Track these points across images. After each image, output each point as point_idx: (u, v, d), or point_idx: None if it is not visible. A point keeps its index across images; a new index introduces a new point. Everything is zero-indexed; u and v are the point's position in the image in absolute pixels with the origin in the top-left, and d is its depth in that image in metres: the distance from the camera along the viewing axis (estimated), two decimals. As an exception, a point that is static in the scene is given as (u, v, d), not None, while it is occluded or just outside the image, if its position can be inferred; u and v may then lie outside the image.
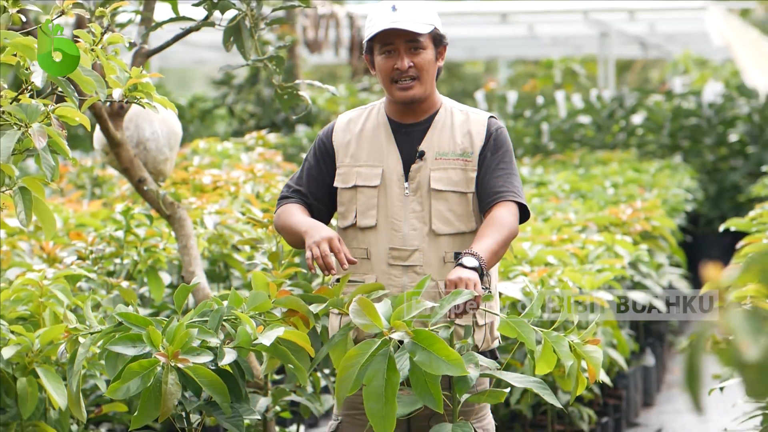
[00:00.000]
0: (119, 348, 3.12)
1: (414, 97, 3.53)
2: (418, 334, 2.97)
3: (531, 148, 14.21)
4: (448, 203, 3.50)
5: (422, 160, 3.52)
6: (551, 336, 3.20)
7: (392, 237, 3.48)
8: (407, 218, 3.49)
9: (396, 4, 3.50)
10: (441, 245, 3.48)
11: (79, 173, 8.06)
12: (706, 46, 18.68)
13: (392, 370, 2.95)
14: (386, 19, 3.49)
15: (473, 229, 3.52)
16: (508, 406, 5.43)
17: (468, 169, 3.52)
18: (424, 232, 3.48)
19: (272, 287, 3.40)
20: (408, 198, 3.51)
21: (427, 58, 3.53)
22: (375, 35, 3.50)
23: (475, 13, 17.28)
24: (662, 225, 7.58)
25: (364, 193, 3.53)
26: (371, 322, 3.02)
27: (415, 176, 3.52)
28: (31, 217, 3.19)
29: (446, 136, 3.55)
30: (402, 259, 3.46)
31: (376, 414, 2.95)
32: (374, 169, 3.54)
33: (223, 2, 4.15)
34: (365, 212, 3.52)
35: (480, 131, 3.56)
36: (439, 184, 3.50)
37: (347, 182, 3.56)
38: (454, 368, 2.94)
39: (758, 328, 1.60)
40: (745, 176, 13.14)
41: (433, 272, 3.45)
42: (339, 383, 3.01)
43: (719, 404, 5.44)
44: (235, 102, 13.01)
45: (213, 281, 5.32)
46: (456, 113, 3.60)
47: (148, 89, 3.45)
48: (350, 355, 2.99)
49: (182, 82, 29.19)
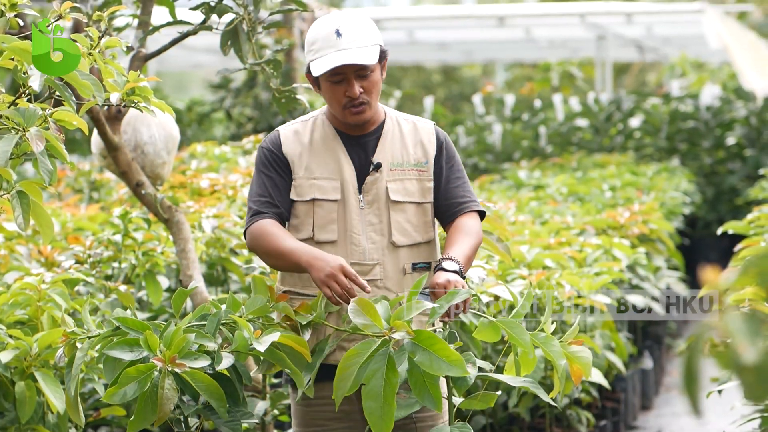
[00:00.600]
0: (117, 353, 3.12)
1: (367, 119, 3.49)
2: (418, 335, 2.97)
3: (528, 151, 14.22)
4: (406, 214, 3.49)
5: (378, 171, 3.49)
6: (539, 337, 3.20)
7: (352, 251, 3.44)
8: (365, 231, 3.46)
9: (339, 26, 3.41)
10: (400, 257, 3.48)
11: (76, 177, 8.05)
12: (703, 49, 18.69)
13: (392, 370, 2.95)
14: (332, 47, 3.40)
15: (430, 239, 3.53)
16: (506, 409, 5.43)
17: (423, 179, 3.53)
18: (383, 245, 3.46)
19: (271, 291, 3.40)
20: (364, 211, 3.47)
21: (376, 78, 3.48)
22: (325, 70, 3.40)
23: (472, 17, 17.29)
24: (660, 228, 7.58)
25: (323, 207, 3.46)
26: (371, 322, 3.01)
27: (370, 188, 3.48)
28: (29, 221, 3.19)
29: (398, 146, 3.53)
30: (363, 273, 3.42)
31: (374, 413, 2.95)
32: (332, 182, 3.47)
33: (220, 6, 4.15)
34: (324, 226, 3.45)
35: (431, 140, 3.57)
36: (398, 195, 3.49)
37: (303, 195, 3.47)
38: (454, 368, 2.94)
39: (756, 331, 1.60)
40: (743, 179, 13.15)
41: (392, 284, 3.45)
42: (338, 382, 3.00)
43: (717, 407, 5.44)
44: (232, 105, 13.00)
45: (211, 285, 5.32)
46: (402, 122, 3.59)
47: (146, 93, 3.45)
48: (350, 355, 2.99)
49: (180, 85, 29.19)
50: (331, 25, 3.42)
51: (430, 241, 3.54)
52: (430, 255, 3.54)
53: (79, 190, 8.02)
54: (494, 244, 4.18)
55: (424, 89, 25.79)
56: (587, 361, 3.29)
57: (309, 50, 3.45)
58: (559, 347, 3.20)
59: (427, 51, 21.37)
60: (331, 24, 3.43)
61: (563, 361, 3.20)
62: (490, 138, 14.47)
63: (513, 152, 14.31)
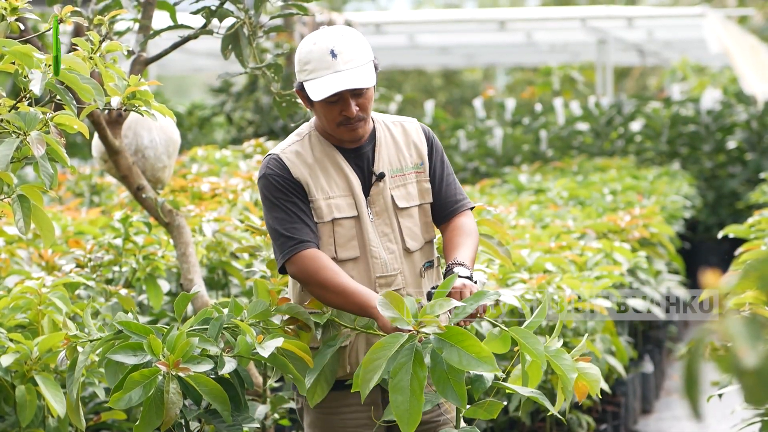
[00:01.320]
0: (120, 357, 3.12)
1: (362, 135, 3.47)
2: (449, 330, 2.95)
3: (529, 155, 14.22)
4: (413, 218, 3.51)
5: (381, 181, 3.48)
6: (550, 351, 3.17)
7: (373, 264, 3.44)
8: (381, 243, 3.46)
9: (334, 47, 3.36)
10: (415, 261, 3.50)
11: (77, 181, 8.06)
12: (704, 53, 18.69)
13: (419, 364, 2.93)
14: (328, 68, 3.35)
15: (432, 238, 3.57)
16: (507, 414, 5.43)
17: (422, 180, 3.55)
18: (400, 253, 3.47)
19: (272, 295, 3.40)
20: (374, 222, 3.47)
21: (370, 95, 3.45)
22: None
23: (473, 21, 17.30)
24: (660, 232, 7.58)
25: (343, 225, 3.43)
26: (400, 316, 3.00)
27: (377, 199, 3.47)
28: (30, 225, 3.19)
29: (393, 151, 3.53)
30: (388, 285, 3.44)
31: (401, 407, 2.92)
32: (347, 199, 3.45)
33: (221, 10, 4.15)
34: (345, 244, 3.43)
35: (421, 139, 3.58)
36: (403, 201, 3.49)
37: (323, 217, 3.43)
38: (485, 365, 2.91)
39: (757, 334, 1.60)
40: (744, 183, 13.15)
41: (410, 289, 3.47)
42: (364, 374, 2.96)
43: (718, 411, 5.44)
44: (233, 110, 13.01)
45: (212, 289, 5.32)
46: (390, 126, 3.58)
47: (147, 97, 3.45)
48: (376, 348, 2.96)
49: (180, 89, 29.22)
50: (325, 45, 3.37)
51: (432, 240, 3.58)
52: (431, 252, 3.58)
53: (80, 193, 8.02)
54: (495, 248, 4.18)
55: (425, 93, 25.81)
56: (595, 378, 3.27)
57: (302, 70, 3.40)
58: (570, 361, 3.18)
59: (428, 55, 21.38)
60: (325, 43, 3.38)
61: (574, 375, 3.18)
62: (490, 142, 14.48)
63: (514, 156, 14.31)
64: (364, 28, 15.59)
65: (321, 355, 3.32)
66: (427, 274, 3.53)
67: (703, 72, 20.14)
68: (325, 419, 3.52)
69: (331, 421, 3.51)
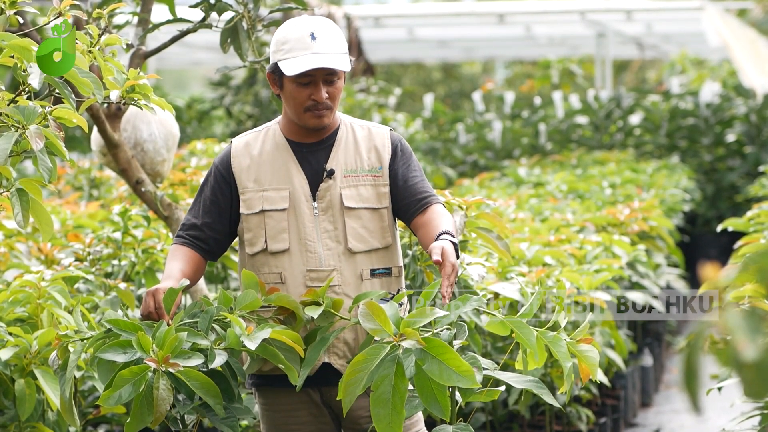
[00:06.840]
0: (110, 355, 3.11)
1: (326, 124, 3.50)
2: (429, 343, 2.93)
3: (528, 148, 14.22)
4: (361, 220, 3.48)
5: (331, 178, 3.48)
6: (547, 336, 3.18)
7: (307, 258, 3.45)
8: (320, 238, 3.46)
9: (314, 30, 3.41)
10: (357, 263, 3.47)
11: (76, 175, 8.05)
12: (703, 46, 18.69)
13: (400, 377, 2.92)
14: (306, 49, 3.40)
15: (388, 245, 3.52)
16: (506, 407, 5.43)
17: (379, 185, 3.52)
18: (339, 251, 3.46)
19: (261, 285, 3.39)
20: (318, 218, 3.47)
21: (340, 86, 3.50)
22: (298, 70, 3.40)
23: (472, 14, 17.28)
24: (660, 225, 7.58)
25: (273, 217, 3.47)
26: (381, 327, 2.99)
27: (324, 195, 3.48)
28: (29, 218, 3.19)
29: (351, 152, 3.53)
30: (320, 280, 3.43)
31: (383, 420, 2.92)
32: (281, 192, 3.48)
33: (220, 4, 4.15)
34: (276, 236, 3.46)
35: (385, 145, 3.55)
36: (352, 202, 3.48)
37: (253, 208, 3.49)
38: (464, 380, 2.90)
39: (756, 327, 1.60)
40: (743, 176, 13.15)
41: (350, 290, 3.45)
42: (346, 387, 2.97)
43: (717, 404, 5.45)
44: (232, 103, 13.00)
45: (211, 282, 5.32)
46: (357, 129, 3.58)
47: (146, 90, 3.45)
48: (358, 360, 2.96)
49: (179, 83, 29.21)
50: (305, 28, 3.42)
51: (389, 246, 3.52)
52: (390, 260, 3.53)
53: (79, 187, 8.02)
54: (494, 242, 4.18)
55: (424, 86, 25.80)
56: (594, 361, 3.27)
57: (278, 49, 3.43)
58: (566, 348, 3.18)
59: (427, 48, 21.37)
60: (305, 27, 3.42)
61: (569, 363, 3.18)
62: (490, 135, 14.47)
63: (513, 149, 14.31)
64: (363, 22, 15.59)
65: (314, 349, 3.31)
66: (379, 281, 3.48)
67: (702, 65, 20.14)
68: (270, 416, 3.56)
69: (275, 418, 3.55)
